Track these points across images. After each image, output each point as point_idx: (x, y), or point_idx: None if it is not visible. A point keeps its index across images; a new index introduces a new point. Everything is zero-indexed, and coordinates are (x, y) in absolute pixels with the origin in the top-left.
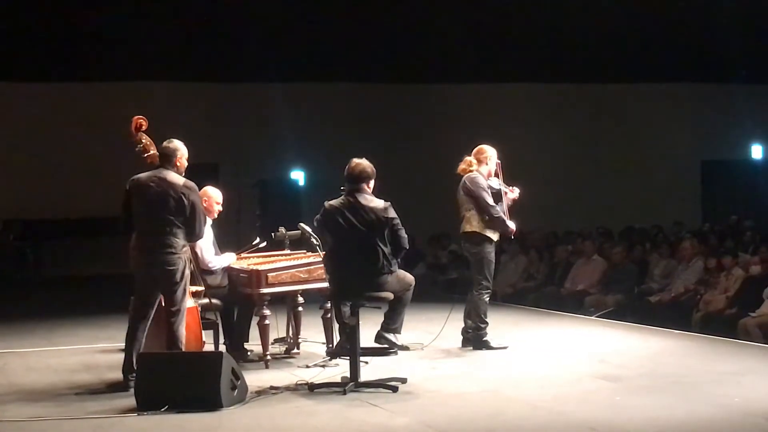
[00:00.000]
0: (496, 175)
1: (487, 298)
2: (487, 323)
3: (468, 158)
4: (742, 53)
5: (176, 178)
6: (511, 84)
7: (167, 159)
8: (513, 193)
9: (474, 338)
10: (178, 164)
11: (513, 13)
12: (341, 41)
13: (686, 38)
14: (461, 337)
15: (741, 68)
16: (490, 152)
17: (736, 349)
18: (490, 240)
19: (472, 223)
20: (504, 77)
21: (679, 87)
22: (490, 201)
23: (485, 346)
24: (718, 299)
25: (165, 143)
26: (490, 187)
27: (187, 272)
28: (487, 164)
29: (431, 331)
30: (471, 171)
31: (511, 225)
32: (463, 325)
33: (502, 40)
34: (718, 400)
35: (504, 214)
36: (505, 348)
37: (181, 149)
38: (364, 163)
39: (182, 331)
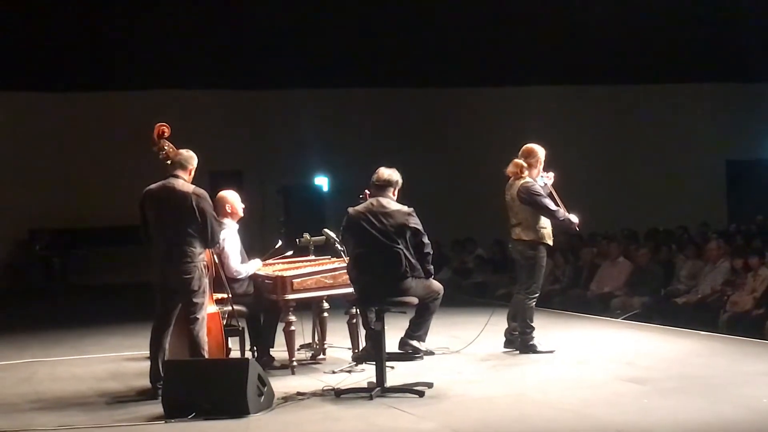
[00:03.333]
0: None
1: (534, 303)
2: (533, 328)
3: (518, 161)
4: (767, 52)
5: (186, 186)
6: (534, 87)
7: (182, 167)
8: (550, 179)
9: (521, 342)
10: (192, 173)
11: (536, 16)
12: (364, 47)
13: (710, 38)
14: (504, 339)
15: (766, 67)
16: (540, 154)
17: (764, 350)
18: (546, 246)
19: (529, 231)
20: (527, 80)
21: (703, 87)
22: (552, 206)
23: (532, 350)
24: (745, 300)
25: (181, 150)
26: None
27: (205, 280)
28: (536, 167)
29: (455, 335)
30: (523, 176)
31: (575, 219)
32: (506, 326)
33: (524, 43)
34: (746, 402)
35: (562, 208)
36: (551, 352)
37: (195, 158)
38: (391, 170)
39: (204, 338)
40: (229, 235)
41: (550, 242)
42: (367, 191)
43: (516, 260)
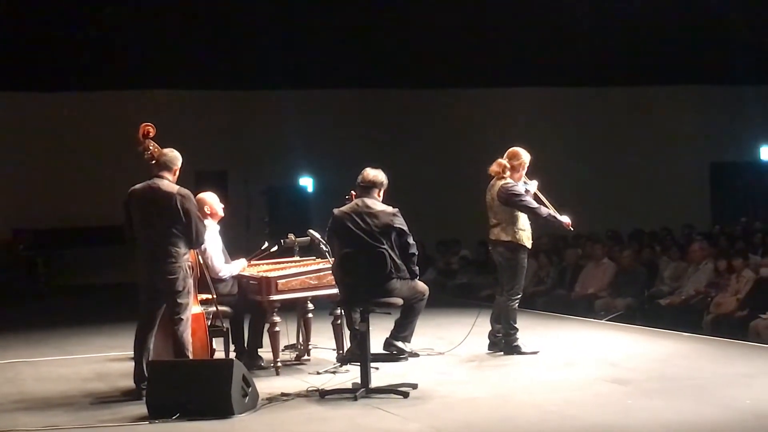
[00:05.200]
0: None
1: (517, 305)
2: (517, 329)
3: (501, 161)
4: (751, 55)
5: (170, 186)
6: (519, 89)
7: (166, 167)
8: (533, 186)
9: (505, 344)
10: (176, 173)
11: (521, 17)
12: (350, 48)
13: (694, 41)
14: (488, 341)
15: (750, 70)
16: (525, 158)
17: (747, 352)
18: (525, 248)
19: (507, 232)
20: (512, 82)
21: (687, 89)
22: (533, 204)
23: (516, 351)
24: (729, 301)
25: (165, 151)
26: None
27: (190, 280)
28: (519, 171)
29: (440, 336)
30: (504, 177)
31: (565, 219)
32: (490, 328)
33: (510, 45)
34: (729, 403)
35: (550, 209)
36: (536, 353)
37: (180, 158)
38: (376, 171)
39: (188, 338)
40: (210, 236)
41: (529, 244)
42: (353, 192)
43: (497, 262)
